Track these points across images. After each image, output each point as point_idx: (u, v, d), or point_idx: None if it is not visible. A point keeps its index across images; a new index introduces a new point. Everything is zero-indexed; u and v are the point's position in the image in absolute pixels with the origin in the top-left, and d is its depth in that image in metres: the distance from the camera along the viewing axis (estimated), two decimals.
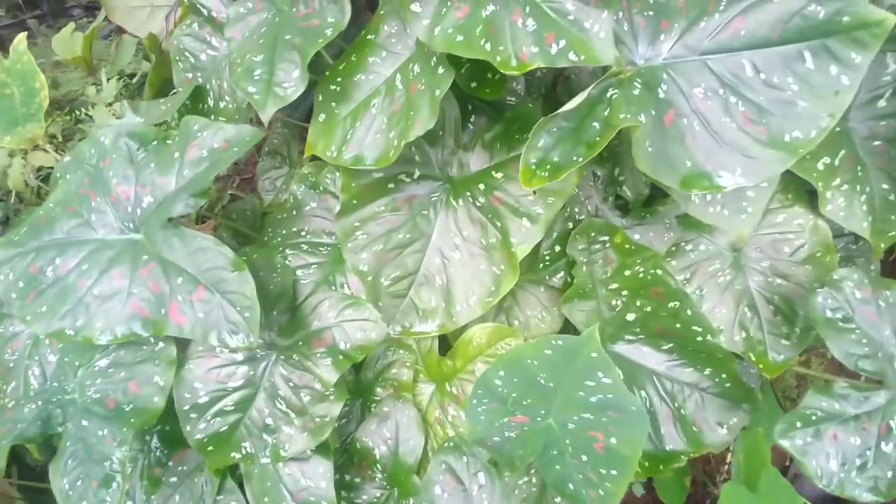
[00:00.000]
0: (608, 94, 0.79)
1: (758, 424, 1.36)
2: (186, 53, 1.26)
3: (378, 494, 1.09)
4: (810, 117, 0.76)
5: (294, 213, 1.12)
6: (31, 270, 0.92)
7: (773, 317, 1.15)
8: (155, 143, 0.94)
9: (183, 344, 0.97)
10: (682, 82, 0.81)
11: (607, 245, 1.14)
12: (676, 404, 1.10)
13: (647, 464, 1.09)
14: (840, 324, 0.98)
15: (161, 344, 0.93)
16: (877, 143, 1.13)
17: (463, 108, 1.09)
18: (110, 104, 1.60)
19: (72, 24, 2.93)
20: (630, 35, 0.84)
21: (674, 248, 1.17)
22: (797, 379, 1.77)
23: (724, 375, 1.09)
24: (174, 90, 1.33)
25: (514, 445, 0.89)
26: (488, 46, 0.78)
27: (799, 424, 0.94)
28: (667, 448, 1.10)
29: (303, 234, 1.11)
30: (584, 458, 0.85)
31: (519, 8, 0.79)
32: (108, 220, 0.93)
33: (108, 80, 2.33)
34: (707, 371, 1.09)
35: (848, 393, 0.98)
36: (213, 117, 1.25)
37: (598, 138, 0.75)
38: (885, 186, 1.12)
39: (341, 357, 0.94)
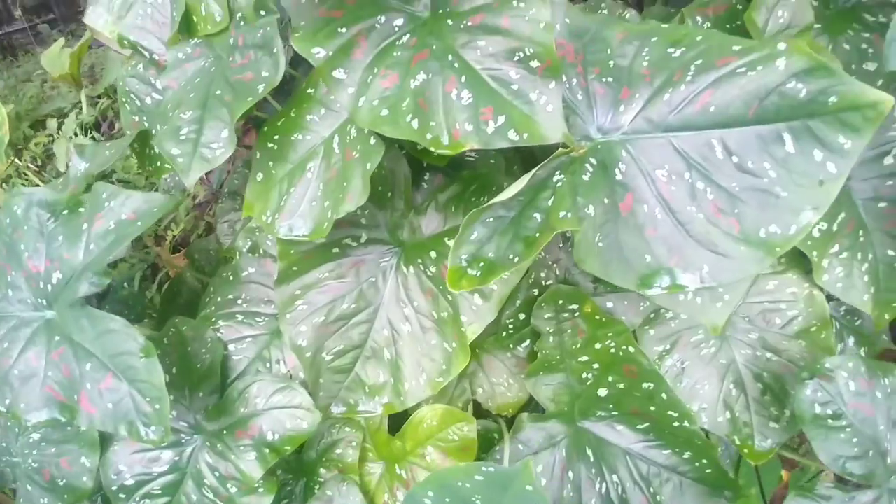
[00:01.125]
0: (554, 180, 0.69)
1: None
2: (132, 95, 1.18)
3: None
4: (791, 210, 0.65)
5: (231, 278, 1.03)
6: None
7: (761, 396, 1.04)
8: (66, 212, 0.86)
9: None
10: (643, 161, 0.70)
11: (576, 314, 1.03)
12: (652, 490, 1.00)
13: None
14: (830, 421, 0.87)
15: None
16: (882, 204, 1.02)
17: (416, 165, 0.99)
18: (70, 138, 1.53)
19: (61, 41, 2.88)
20: (586, 104, 0.73)
21: (653, 316, 1.06)
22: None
23: (704, 461, 0.98)
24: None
25: None
26: (415, 123, 0.68)
27: None
28: None
29: (238, 302, 1.02)
30: None
31: (454, 76, 0.69)
32: (24, 296, 0.86)
33: (97, 96, 2.27)
34: (686, 455, 0.99)
35: (832, 494, 0.86)
36: (158, 164, 1.17)
37: (537, 234, 0.64)
38: (890, 252, 1.00)
39: (267, 451, 0.85)
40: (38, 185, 1.66)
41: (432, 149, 0.68)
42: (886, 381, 0.89)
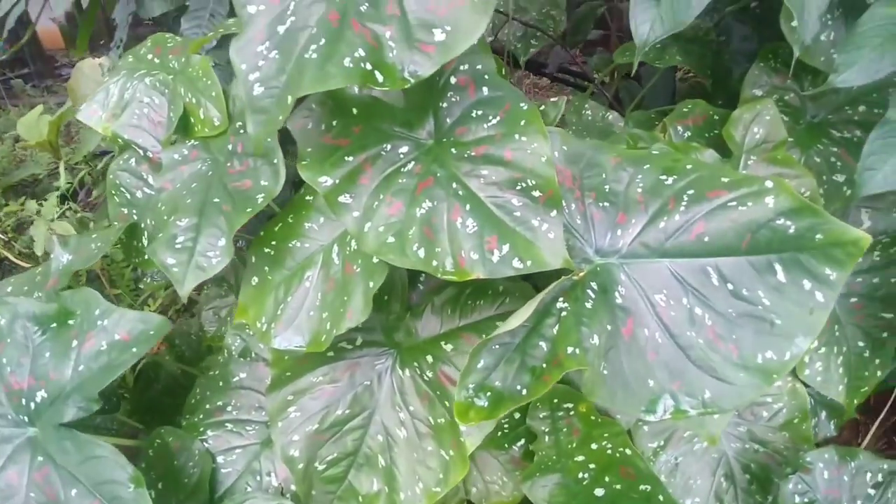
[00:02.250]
0: (558, 306, 0.70)
1: None
2: (122, 189, 1.17)
3: None
4: (785, 336, 0.67)
5: (220, 383, 1.00)
6: None
7: (748, 486, 1.06)
8: (54, 325, 0.83)
9: None
10: (642, 285, 0.72)
11: (571, 413, 1.03)
12: None
13: None
14: None
15: None
16: (853, 299, 1.08)
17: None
18: (52, 220, 1.50)
19: (39, 108, 2.87)
20: (584, 227, 0.76)
21: (646, 411, 1.07)
22: None
23: None
24: None
25: None
26: (421, 252, 0.69)
27: None
28: None
29: (228, 409, 0.99)
30: None
31: (458, 204, 0.70)
32: (4, 411, 0.81)
33: (74, 164, 2.24)
34: None
35: None
36: (146, 257, 1.15)
37: (543, 365, 0.65)
38: (860, 344, 1.08)
39: None
40: (18, 266, 1.61)
41: (437, 275, 0.69)
42: (852, 464, 0.97)
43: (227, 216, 0.89)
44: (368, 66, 0.61)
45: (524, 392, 0.66)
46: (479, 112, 0.74)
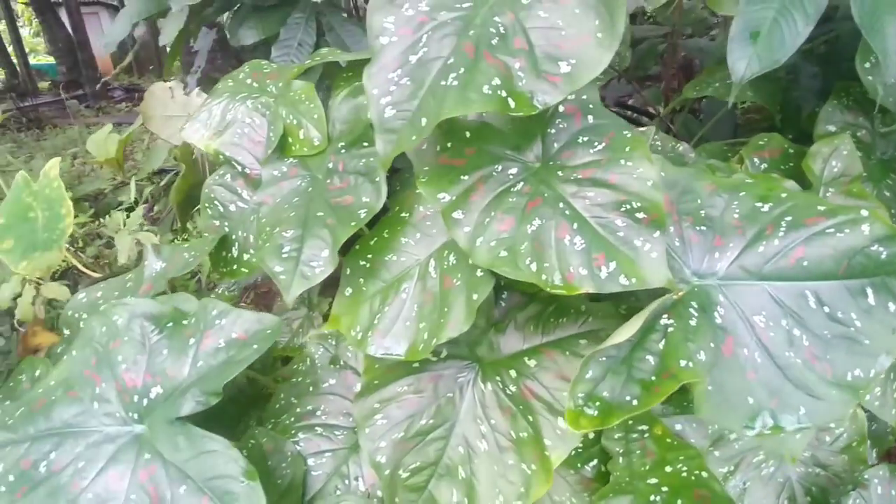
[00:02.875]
0: (662, 323, 0.73)
1: None
2: (216, 202, 1.25)
3: None
4: (870, 355, 0.70)
5: (311, 388, 1.04)
6: (24, 465, 0.84)
7: None
8: (170, 324, 0.89)
9: None
10: (741, 307, 0.75)
11: (646, 435, 1.04)
12: None
13: None
14: None
15: None
16: None
17: (495, 283, 1.04)
18: (133, 231, 1.59)
19: (108, 126, 3.03)
20: (681, 250, 0.80)
21: (718, 438, 1.08)
22: None
23: None
24: (197, 206, 1.31)
25: None
26: (534, 266, 0.73)
27: None
28: None
29: (317, 414, 1.03)
30: None
31: (566, 223, 0.75)
32: (112, 409, 0.87)
33: (138, 181, 2.34)
34: None
35: None
36: (235, 267, 1.22)
37: (653, 378, 0.68)
38: None
39: None
40: (85, 275, 1.69)
41: (547, 289, 0.73)
42: None
43: (331, 229, 0.94)
44: (503, 94, 0.67)
45: (635, 402, 0.69)
46: (585, 138, 0.79)
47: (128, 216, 1.95)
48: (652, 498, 1.02)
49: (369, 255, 1.00)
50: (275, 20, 1.49)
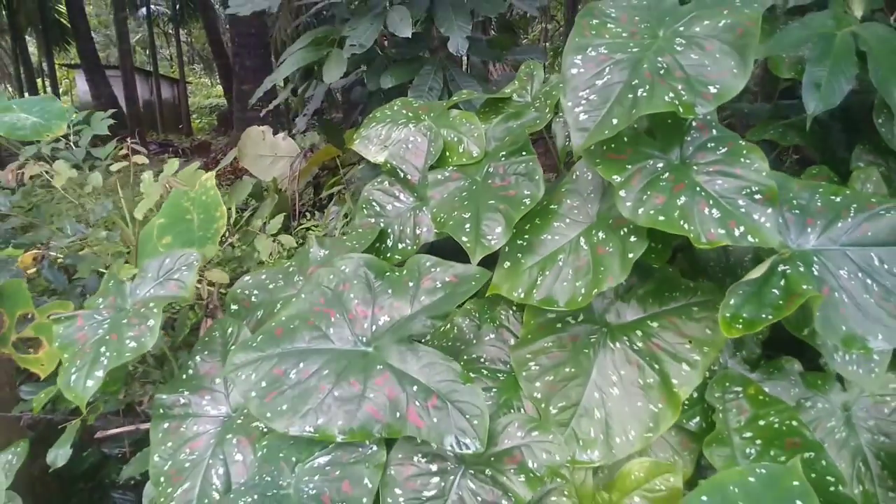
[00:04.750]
0: (779, 269, 1.02)
1: None
2: (374, 203, 1.54)
3: None
4: None
5: (474, 341, 1.29)
6: (276, 372, 1.07)
7: (881, 471, 1.25)
8: (388, 274, 1.15)
9: None
10: (830, 265, 1.04)
11: (740, 395, 1.28)
12: None
13: None
14: None
15: (374, 448, 1.04)
16: None
17: None
18: (274, 235, 1.86)
19: (196, 164, 3.38)
20: (784, 226, 1.10)
21: (796, 404, 1.31)
22: None
23: None
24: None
25: None
26: (685, 226, 1.02)
27: None
28: None
29: (482, 360, 1.27)
30: None
31: (704, 201, 1.05)
32: (345, 334, 1.11)
33: (228, 209, 2.64)
34: None
35: None
36: (389, 255, 1.49)
37: (781, 302, 0.96)
38: None
39: (532, 475, 1.05)
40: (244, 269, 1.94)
41: (693, 243, 1.02)
42: None
43: (504, 212, 1.24)
44: (676, 103, 0.99)
45: (770, 317, 0.95)
46: (712, 144, 1.12)
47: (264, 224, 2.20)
48: (747, 450, 1.24)
49: (526, 237, 1.28)
50: (407, 71, 1.86)
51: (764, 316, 0.96)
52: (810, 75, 1.19)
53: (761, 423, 1.24)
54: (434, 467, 1.09)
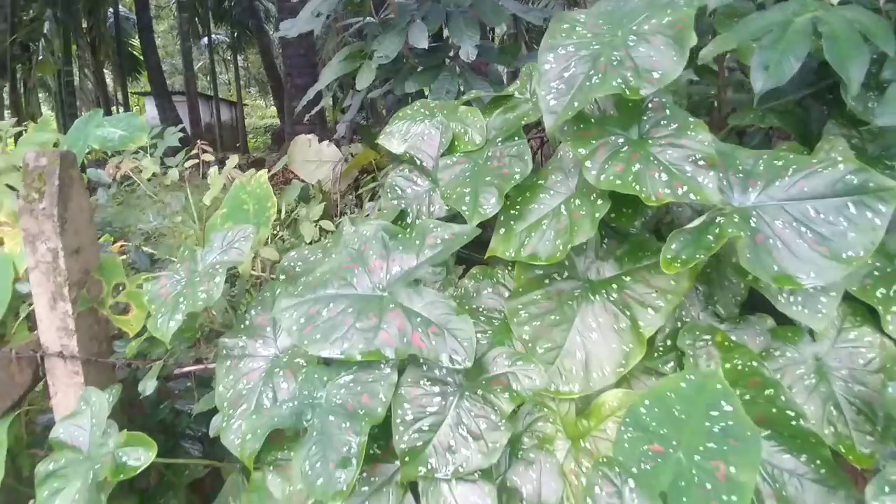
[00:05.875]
0: (716, 220, 1.22)
1: None
2: (396, 188, 1.83)
3: None
4: (858, 244, 1.15)
5: (474, 295, 1.54)
6: (311, 312, 1.36)
7: (856, 416, 1.38)
8: (399, 235, 1.43)
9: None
10: (766, 218, 1.23)
11: (709, 343, 1.46)
12: (778, 485, 1.31)
13: None
14: None
15: (388, 371, 1.31)
16: None
17: (599, 234, 1.54)
18: (316, 221, 2.19)
19: (253, 170, 3.78)
20: (728, 187, 1.30)
21: (764, 354, 1.48)
22: None
23: (818, 462, 1.30)
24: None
25: (648, 477, 1.15)
26: (637, 187, 1.25)
27: (887, 489, 1.15)
28: None
29: (480, 310, 1.52)
30: (708, 486, 1.10)
31: (655, 168, 1.27)
32: (364, 283, 1.39)
33: (278, 210, 2.97)
34: (803, 458, 1.31)
35: None
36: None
37: (712, 244, 1.16)
38: None
39: (515, 394, 1.28)
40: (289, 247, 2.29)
41: (645, 202, 1.23)
42: None
43: (497, 186, 1.50)
44: (624, 86, 1.22)
45: (700, 256, 1.16)
46: (665, 122, 1.33)
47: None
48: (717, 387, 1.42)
49: (518, 207, 1.53)
50: (427, 77, 2.15)
51: (698, 256, 1.17)
52: (759, 58, 1.38)
53: (727, 365, 1.42)
54: (436, 389, 1.34)
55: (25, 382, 1.88)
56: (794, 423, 1.30)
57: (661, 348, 1.50)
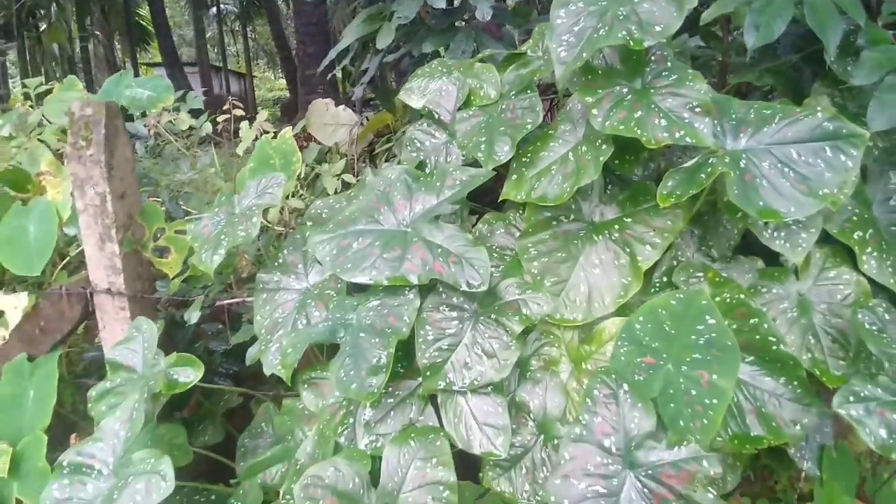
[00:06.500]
0: (709, 161, 1.36)
1: (837, 477, 1.65)
2: (415, 141, 1.96)
3: (529, 438, 1.49)
4: (833, 182, 1.30)
5: (488, 235, 1.70)
6: (342, 244, 1.52)
7: (831, 344, 1.54)
8: (421, 178, 1.58)
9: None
10: (755, 160, 1.37)
11: (702, 279, 1.61)
12: (758, 404, 1.47)
13: (736, 441, 1.44)
14: (875, 332, 1.39)
15: (411, 296, 1.47)
16: (893, 228, 1.61)
17: (603, 181, 1.68)
18: (337, 175, 2.33)
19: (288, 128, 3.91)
20: (722, 133, 1.43)
21: (751, 290, 1.63)
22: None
23: (795, 383, 1.46)
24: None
25: (641, 386, 1.31)
26: (638, 132, 1.38)
27: (851, 399, 1.31)
28: (751, 434, 1.45)
29: (493, 247, 1.67)
30: (693, 392, 1.26)
31: (656, 115, 1.40)
32: (390, 220, 1.55)
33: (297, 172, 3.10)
34: (781, 380, 1.47)
35: (889, 385, 1.35)
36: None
37: (704, 181, 1.30)
38: None
39: (524, 317, 1.44)
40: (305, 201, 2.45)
41: (645, 145, 1.37)
42: None
43: (510, 135, 1.63)
44: (629, 38, 1.35)
45: (693, 191, 1.30)
46: (665, 73, 1.46)
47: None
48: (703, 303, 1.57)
49: (529, 155, 1.67)
50: (444, 38, 2.27)
51: (691, 191, 1.31)
52: (751, 19, 1.50)
53: (717, 299, 1.56)
54: (454, 315, 1.51)
55: (74, 318, 2.07)
56: (774, 347, 1.46)
57: (657, 284, 1.65)
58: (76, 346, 2.56)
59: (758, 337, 1.47)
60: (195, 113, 3.00)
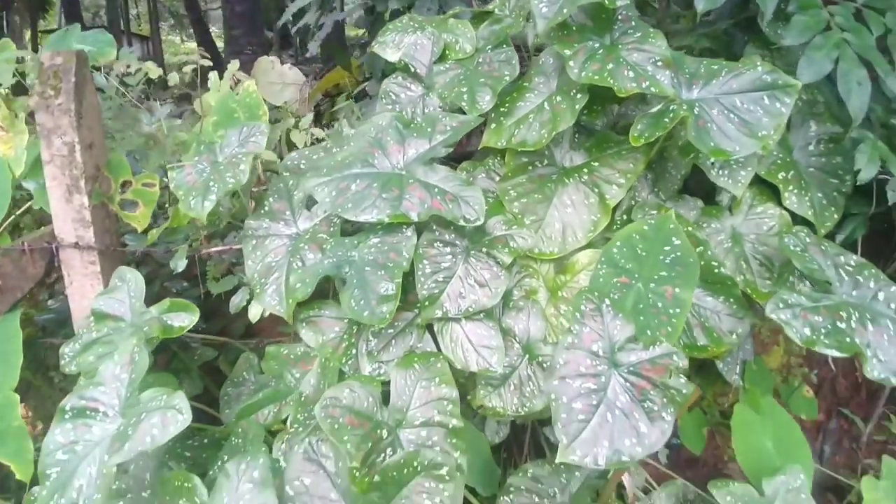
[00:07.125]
0: (670, 108, 1.57)
1: (756, 386, 1.97)
2: (391, 94, 2.04)
3: (516, 359, 1.67)
4: (769, 125, 1.55)
5: (471, 180, 1.83)
6: (341, 186, 1.60)
7: (759, 267, 1.84)
8: (412, 125, 1.68)
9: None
10: (706, 108, 1.60)
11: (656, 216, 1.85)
12: (702, 319, 1.75)
13: (686, 350, 1.70)
14: (799, 252, 1.68)
15: (409, 234, 1.59)
16: (811, 169, 1.93)
17: (572, 130, 1.86)
18: (305, 129, 2.35)
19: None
20: (678, 85, 1.65)
21: (695, 225, 1.89)
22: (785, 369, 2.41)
23: (732, 300, 1.73)
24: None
25: (616, 304, 1.52)
26: (611, 81, 1.56)
27: (781, 305, 1.60)
28: (698, 343, 1.72)
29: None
30: (660, 304, 1.49)
31: (625, 67, 1.59)
32: (385, 164, 1.64)
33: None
34: (721, 298, 1.74)
35: (809, 294, 1.65)
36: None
37: (668, 124, 1.51)
38: (819, 195, 1.89)
39: (512, 250, 1.61)
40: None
41: (617, 93, 1.56)
42: (825, 245, 1.73)
43: (490, 86, 1.76)
44: None
45: (659, 133, 1.51)
46: (631, 31, 1.65)
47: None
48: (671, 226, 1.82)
49: (507, 105, 1.81)
50: None
51: (658, 133, 1.52)
52: None
53: None
54: (448, 250, 1.64)
55: (38, 274, 1.98)
56: (716, 271, 1.72)
57: (619, 222, 1.87)
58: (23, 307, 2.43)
59: (703, 263, 1.73)
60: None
